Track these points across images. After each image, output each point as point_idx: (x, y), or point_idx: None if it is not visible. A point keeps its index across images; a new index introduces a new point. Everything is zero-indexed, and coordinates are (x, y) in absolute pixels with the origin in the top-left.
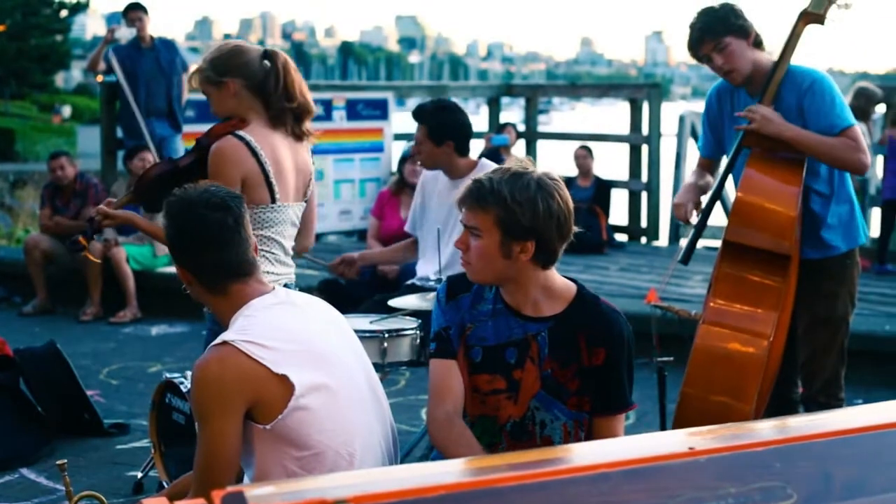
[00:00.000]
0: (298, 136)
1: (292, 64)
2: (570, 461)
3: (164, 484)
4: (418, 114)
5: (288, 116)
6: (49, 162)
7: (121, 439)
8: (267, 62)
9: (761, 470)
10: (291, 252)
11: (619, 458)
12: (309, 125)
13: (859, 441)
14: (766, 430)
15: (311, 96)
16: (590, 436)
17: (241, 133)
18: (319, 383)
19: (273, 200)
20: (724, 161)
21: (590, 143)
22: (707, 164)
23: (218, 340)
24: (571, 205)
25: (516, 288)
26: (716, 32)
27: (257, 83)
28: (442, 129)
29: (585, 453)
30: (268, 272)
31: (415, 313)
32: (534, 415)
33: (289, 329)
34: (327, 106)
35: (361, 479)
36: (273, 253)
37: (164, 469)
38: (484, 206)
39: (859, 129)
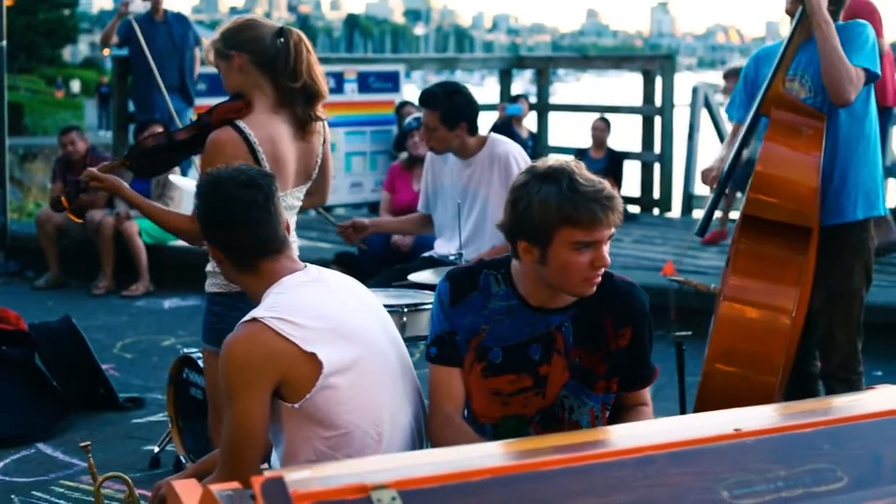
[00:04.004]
0: (304, 120)
1: (307, 44)
2: (615, 444)
3: (182, 458)
4: (429, 99)
5: (297, 98)
6: (60, 137)
7: (136, 413)
8: (281, 40)
9: (810, 451)
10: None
11: (664, 440)
12: (319, 109)
13: None
14: (812, 410)
15: (323, 79)
16: (616, 411)
17: (241, 125)
18: (349, 362)
19: None
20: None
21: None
22: (737, 129)
23: (248, 317)
24: None
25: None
26: None
27: (266, 60)
28: (455, 113)
29: (630, 435)
30: None
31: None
32: (563, 402)
33: (319, 307)
34: (339, 79)
35: (401, 462)
36: None
37: (181, 444)
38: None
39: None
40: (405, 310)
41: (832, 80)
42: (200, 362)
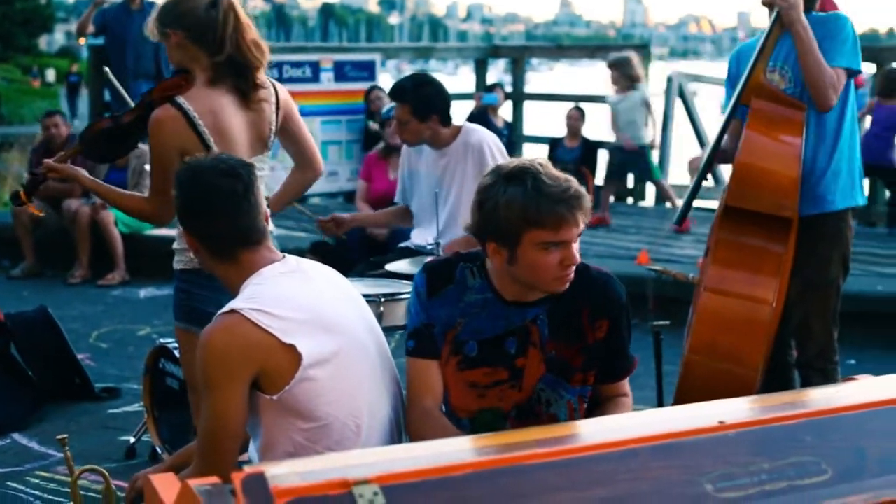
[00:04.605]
0: (243, 91)
1: (238, 12)
2: (597, 437)
3: (158, 449)
4: (398, 93)
5: (226, 70)
6: (44, 119)
7: (112, 403)
8: (214, 11)
9: (793, 444)
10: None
11: (646, 433)
12: (260, 77)
13: (893, 413)
14: (794, 402)
15: (256, 48)
16: (595, 402)
17: (180, 101)
18: (328, 353)
19: None
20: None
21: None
22: (737, 127)
23: (226, 308)
24: None
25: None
26: None
27: (200, 33)
28: (426, 105)
29: (612, 428)
30: None
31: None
32: (539, 396)
33: (298, 298)
34: (315, 68)
35: (383, 457)
36: None
37: (157, 434)
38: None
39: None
40: (382, 299)
41: (814, 88)
42: (177, 352)
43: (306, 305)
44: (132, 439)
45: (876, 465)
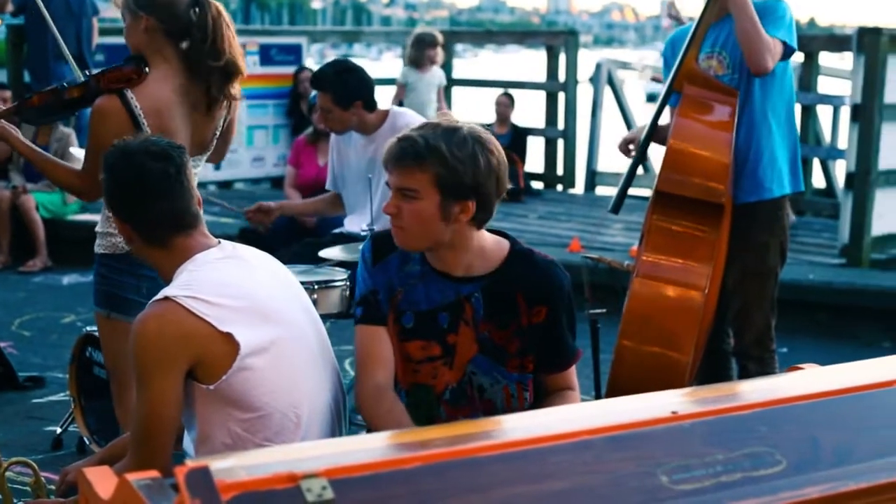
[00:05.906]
0: (215, 98)
1: (226, 18)
2: (552, 428)
3: (85, 439)
4: (319, 81)
5: (214, 75)
6: None
7: (36, 393)
8: (196, 11)
9: (746, 435)
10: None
11: (600, 423)
12: (236, 88)
13: (845, 403)
14: (747, 391)
15: (242, 54)
16: (538, 395)
17: (128, 95)
18: (266, 342)
19: None
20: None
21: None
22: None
23: (160, 296)
24: (505, 158)
25: (448, 252)
26: None
27: (175, 29)
28: (348, 92)
29: (566, 419)
30: None
31: (344, 264)
32: (471, 379)
33: (235, 285)
34: None
35: (331, 449)
36: None
37: (85, 424)
38: (421, 165)
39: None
40: (316, 287)
41: (749, 48)
42: None
43: (243, 292)
44: (58, 430)
45: (830, 455)
